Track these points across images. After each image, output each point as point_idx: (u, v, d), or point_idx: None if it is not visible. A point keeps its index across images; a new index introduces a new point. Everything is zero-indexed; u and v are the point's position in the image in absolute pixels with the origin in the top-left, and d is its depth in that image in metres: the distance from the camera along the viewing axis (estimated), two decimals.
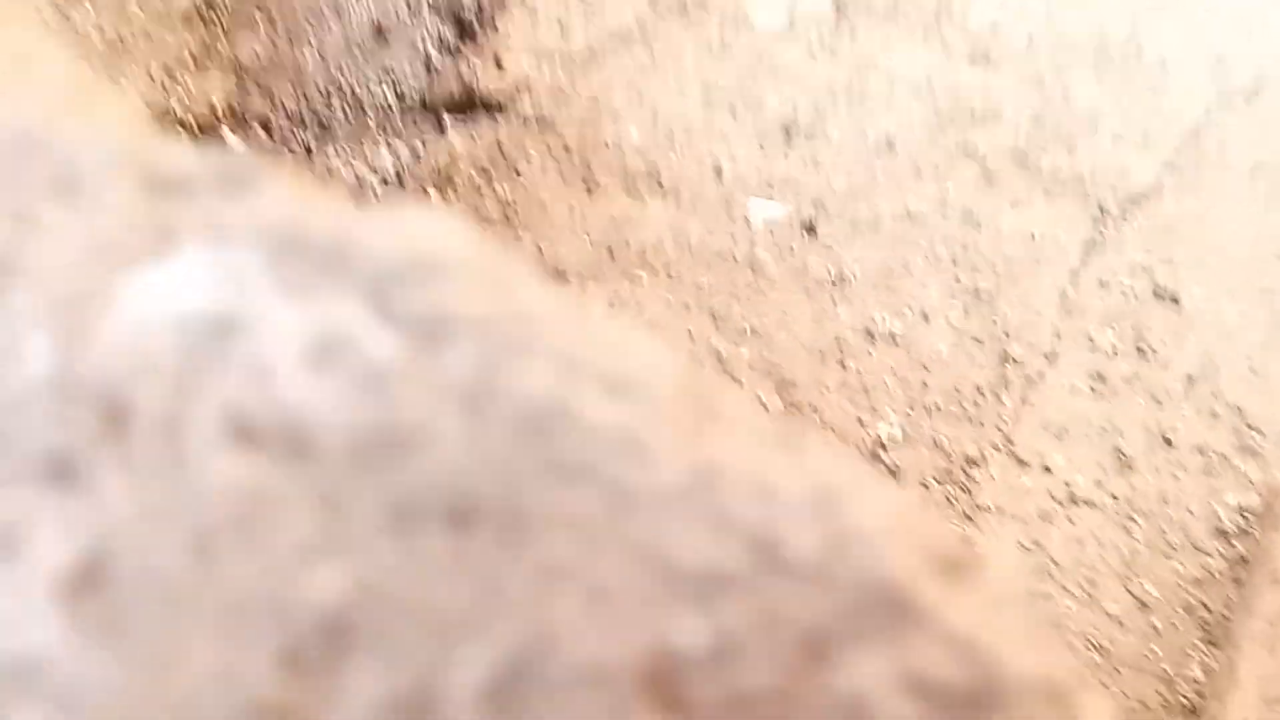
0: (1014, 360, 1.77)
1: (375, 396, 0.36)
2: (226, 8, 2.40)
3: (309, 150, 2.20)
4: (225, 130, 2.23)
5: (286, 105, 2.25)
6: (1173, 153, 1.97)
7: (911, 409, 1.73)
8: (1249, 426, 1.69)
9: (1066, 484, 1.65)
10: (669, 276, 1.93)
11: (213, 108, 2.27)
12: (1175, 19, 2.18)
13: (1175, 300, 1.82)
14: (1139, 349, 1.77)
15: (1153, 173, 1.95)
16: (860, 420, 1.72)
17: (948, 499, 1.62)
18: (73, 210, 0.42)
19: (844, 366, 1.79)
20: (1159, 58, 2.11)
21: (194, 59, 2.33)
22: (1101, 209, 1.92)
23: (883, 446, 1.69)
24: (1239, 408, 1.71)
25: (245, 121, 2.26)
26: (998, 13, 2.17)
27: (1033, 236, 1.89)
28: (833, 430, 1.72)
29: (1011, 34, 2.14)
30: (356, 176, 2.16)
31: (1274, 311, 1.81)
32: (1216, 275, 1.85)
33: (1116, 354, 1.77)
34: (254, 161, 0.45)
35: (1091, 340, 1.78)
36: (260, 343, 0.37)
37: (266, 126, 2.24)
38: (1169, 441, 1.69)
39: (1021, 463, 1.67)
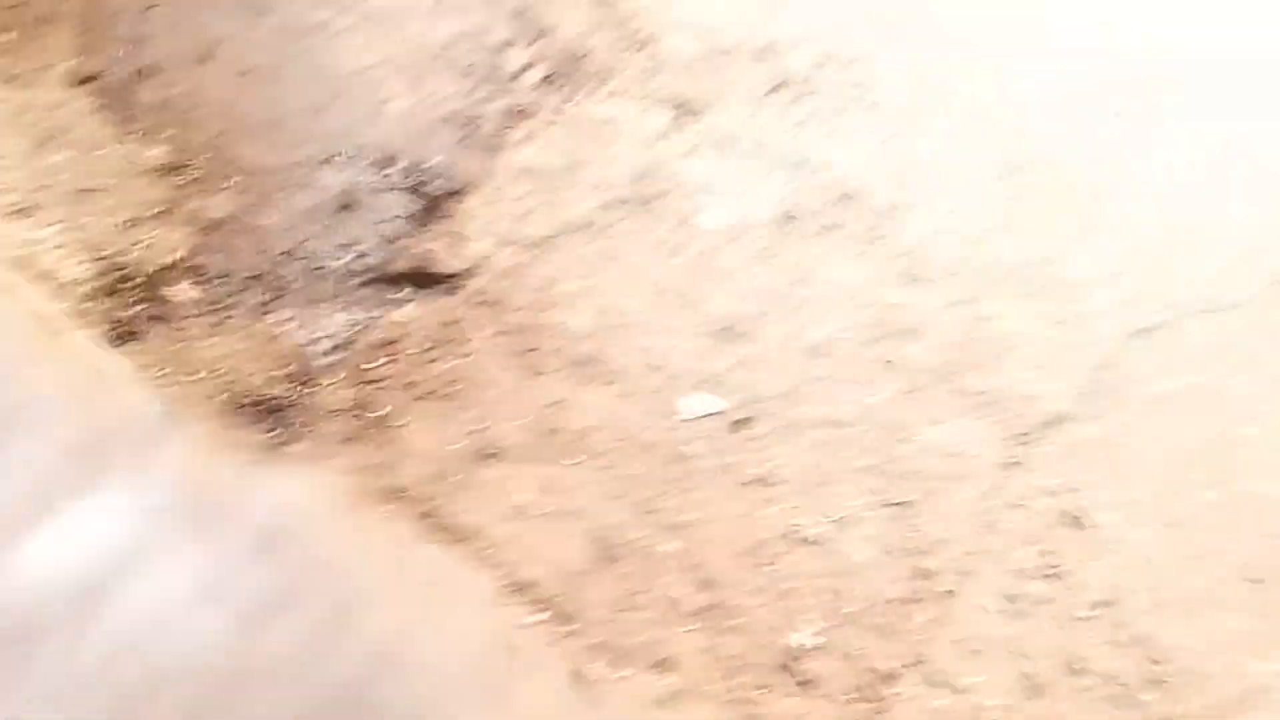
0: (930, 575, 1.81)
1: (241, 629, 0.47)
2: (198, 166, 2.49)
3: (260, 309, 2.24)
4: (179, 284, 2.28)
5: (244, 264, 2.31)
6: (1084, 381, 2.09)
7: (829, 619, 1.74)
8: (1155, 658, 1.72)
9: (977, 708, 1.66)
10: (602, 464, 1.97)
11: (171, 261, 2.32)
12: (1090, 252, 2.34)
13: (1085, 525, 1.88)
14: (1050, 572, 1.82)
15: (1065, 399, 2.06)
16: (776, 627, 1.73)
17: None
18: (14, 447, 0.50)
19: (765, 569, 1.81)
20: (1074, 290, 2.26)
21: (159, 212, 2.40)
22: (1016, 431, 2.01)
23: (796, 656, 1.70)
24: (1146, 637, 1.75)
25: (201, 276, 2.30)
26: (928, 236, 2.32)
27: (951, 453, 1.97)
28: (749, 634, 1.72)
29: (939, 257, 2.28)
30: (305, 340, 2.20)
31: (1179, 543, 1.88)
32: (1125, 503, 1.92)
33: (1029, 575, 1.82)
34: (171, 422, 0.54)
35: (1004, 560, 1.83)
36: (156, 573, 0.47)
37: (221, 283, 2.29)
38: (1078, 669, 1.71)
39: (935, 683, 1.68)
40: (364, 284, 2.29)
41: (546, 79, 2.64)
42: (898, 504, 1.90)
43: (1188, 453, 2.02)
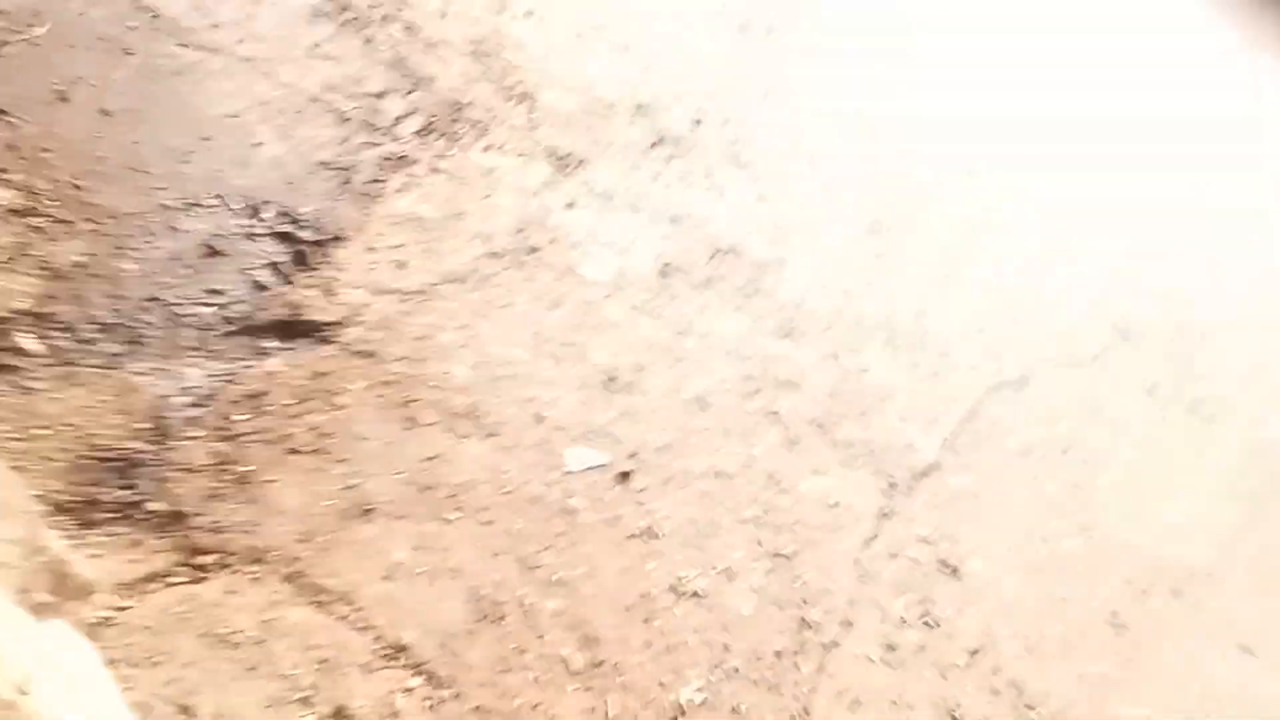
0: (812, 626, 1.82)
1: None
2: (50, 210, 2.34)
3: (115, 360, 2.10)
4: (25, 334, 2.12)
5: (96, 314, 2.17)
6: (953, 432, 2.17)
7: (713, 673, 1.73)
8: (1027, 703, 1.78)
9: None
10: (481, 520, 1.91)
11: (17, 309, 2.16)
12: (953, 307, 2.45)
13: (957, 573, 1.94)
14: (926, 620, 1.86)
15: (935, 450, 2.13)
16: (662, 683, 1.70)
17: None
18: None
19: (649, 624, 1.79)
20: (941, 343, 2.35)
21: (6, 257, 2.23)
22: (891, 481, 2.06)
23: (683, 712, 1.67)
24: (1017, 684, 1.80)
25: (50, 325, 2.15)
26: (803, 291, 2.38)
27: (831, 503, 2.00)
28: (635, 692, 1.69)
29: (815, 311, 2.34)
30: (164, 393, 2.07)
31: (1045, 589, 1.95)
32: (994, 551, 1.99)
33: (906, 624, 1.85)
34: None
35: (883, 609, 1.86)
36: None
37: (72, 333, 2.14)
38: (956, 716, 1.75)
39: None
40: (229, 334, 2.18)
41: (424, 129, 2.61)
42: (780, 555, 1.91)
43: (1049, 501, 2.11)
